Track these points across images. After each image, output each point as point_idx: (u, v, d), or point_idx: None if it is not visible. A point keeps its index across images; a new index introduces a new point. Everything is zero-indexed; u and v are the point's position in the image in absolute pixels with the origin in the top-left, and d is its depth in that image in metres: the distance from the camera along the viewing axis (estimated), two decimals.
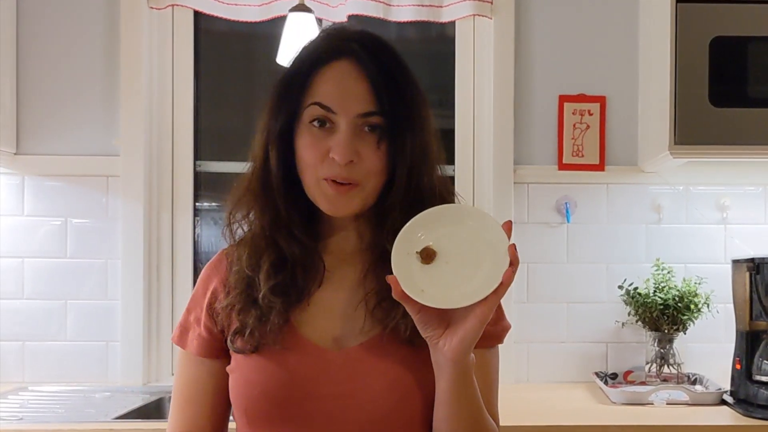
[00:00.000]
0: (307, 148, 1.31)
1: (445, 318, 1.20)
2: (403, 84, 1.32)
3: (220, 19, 2.83)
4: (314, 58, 1.33)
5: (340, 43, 1.33)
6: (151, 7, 2.84)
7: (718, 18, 2.47)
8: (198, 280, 1.45)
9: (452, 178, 2.98)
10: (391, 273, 1.20)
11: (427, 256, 1.21)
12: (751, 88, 2.50)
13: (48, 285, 2.84)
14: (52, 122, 2.84)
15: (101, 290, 2.85)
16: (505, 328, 1.43)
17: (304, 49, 1.37)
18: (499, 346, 1.43)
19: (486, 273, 1.18)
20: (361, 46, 1.32)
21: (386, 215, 1.33)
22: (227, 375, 1.37)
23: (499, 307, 1.40)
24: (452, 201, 1.38)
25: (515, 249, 1.17)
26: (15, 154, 2.82)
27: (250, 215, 1.38)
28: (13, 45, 2.81)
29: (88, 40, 2.85)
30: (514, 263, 1.17)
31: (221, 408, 1.41)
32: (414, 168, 1.32)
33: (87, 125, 2.85)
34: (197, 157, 2.97)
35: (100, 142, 2.84)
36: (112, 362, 2.84)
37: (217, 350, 1.39)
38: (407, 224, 1.23)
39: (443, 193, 1.37)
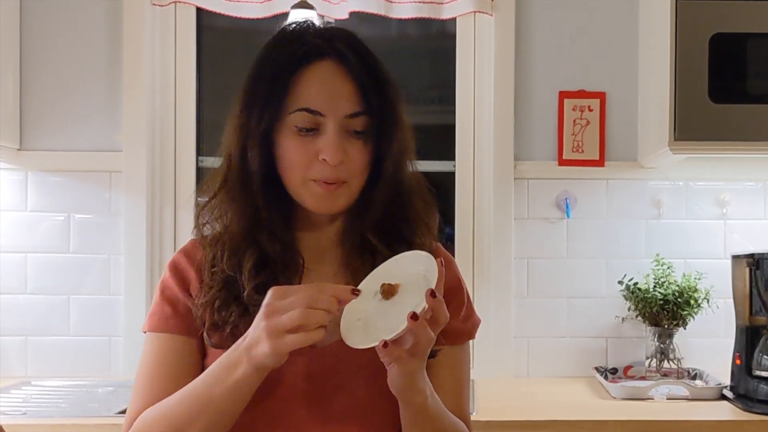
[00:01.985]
0: (294, 151, 1.30)
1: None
2: (384, 82, 1.33)
3: (222, 15, 2.84)
4: (295, 57, 1.31)
5: (322, 43, 1.31)
6: (154, 4, 2.85)
7: (718, 15, 2.47)
8: (170, 268, 1.41)
9: (452, 174, 2.99)
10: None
11: (389, 291, 1.21)
12: (751, 84, 2.50)
13: (51, 280, 2.85)
14: (55, 118, 2.85)
15: (104, 285, 2.86)
16: (476, 324, 1.46)
17: (278, 47, 1.34)
18: (478, 341, 1.46)
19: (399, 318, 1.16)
20: (344, 45, 1.31)
21: (368, 207, 1.35)
22: (202, 357, 1.36)
23: (469, 303, 1.44)
24: (427, 196, 1.41)
25: (433, 294, 1.14)
26: (18, 149, 2.83)
27: (227, 215, 1.36)
28: (16, 41, 2.82)
29: (91, 36, 2.86)
30: (431, 307, 1.14)
31: None
32: (397, 163, 1.34)
33: (90, 121, 2.86)
34: (199, 152, 2.99)
35: (102, 138, 2.86)
36: (115, 357, 2.86)
37: (198, 331, 1.36)
38: (374, 271, 1.25)
39: (417, 187, 1.40)
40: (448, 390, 1.37)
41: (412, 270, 1.22)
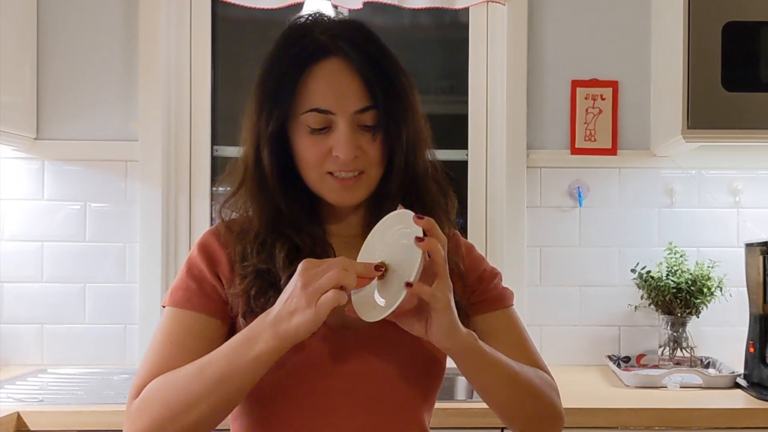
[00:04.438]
0: (308, 150, 1.32)
1: (422, 317, 1.22)
2: (392, 74, 1.34)
3: (237, 6, 2.85)
4: (302, 57, 1.32)
5: (327, 40, 1.32)
6: None
7: (730, 3, 2.47)
8: (199, 248, 1.41)
9: (465, 163, 3.00)
10: None
11: (383, 274, 1.21)
12: (764, 73, 2.50)
13: (67, 268, 2.87)
14: (71, 108, 2.87)
15: (119, 273, 2.88)
16: (507, 291, 1.50)
17: (287, 45, 1.35)
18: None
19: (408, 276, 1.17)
20: (347, 42, 1.32)
21: (384, 200, 1.36)
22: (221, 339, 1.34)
23: (493, 275, 1.50)
24: (444, 182, 1.43)
25: (420, 240, 1.16)
26: (35, 139, 2.85)
27: (248, 213, 1.39)
28: (33, 32, 2.84)
29: (107, 26, 2.88)
30: (429, 250, 1.16)
31: None
32: (409, 153, 1.36)
33: (106, 110, 2.88)
34: (214, 141, 3.00)
35: (118, 127, 2.87)
36: (130, 345, 2.88)
37: (227, 315, 1.36)
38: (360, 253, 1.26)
39: (434, 174, 1.42)
40: (512, 344, 1.40)
41: (390, 236, 1.23)
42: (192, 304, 1.35)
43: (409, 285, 1.14)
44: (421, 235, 1.15)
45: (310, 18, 1.37)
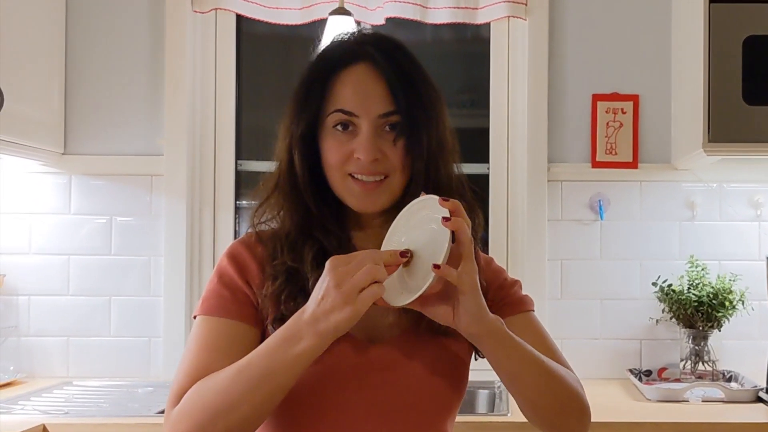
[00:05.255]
0: (331, 151, 1.35)
1: (448, 303, 1.22)
2: (418, 82, 1.36)
3: (262, 22, 2.88)
4: (331, 63, 1.37)
5: (356, 47, 1.37)
6: (195, 11, 2.90)
7: (751, 17, 2.47)
8: (228, 256, 1.42)
9: (486, 177, 3.01)
10: None
11: (408, 261, 1.21)
12: None
13: (93, 281, 2.90)
14: (98, 123, 2.91)
15: (144, 287, 2.90)
16: (527, 297, 1.52)
17: (320, 54, 1.40)
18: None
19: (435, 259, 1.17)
20: (375, 49, 1.36)
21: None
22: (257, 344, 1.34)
23: (513, 283, 1.51)
24: (467, 196, 1.41)
25: (447, 220, 1.17)
26: (62, 154, 2.89)
27: (280, 214, 1.41)
28: (61, 48, 2.88)
29: (133, 42, 2.92)
30: (457, 233, 1.16)
31: None
32: (431, 163, 1.36)
33: (132, 126, 2.92)
34: (239, 156, 3.02)
35: (144, 142, 2.91)
36: (155, 358, 2.90)
37: (259, 320, 1.37)
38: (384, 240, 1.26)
39: (459, 188, 1.41)
40: (535, 344, 1.38)
41: (415, 222, 1.23)
42: (226, 311, 1.36)
43: (436, 267, 1.14)
44: (447, 215, 1.16)
45: (346, 33, 1.42)
